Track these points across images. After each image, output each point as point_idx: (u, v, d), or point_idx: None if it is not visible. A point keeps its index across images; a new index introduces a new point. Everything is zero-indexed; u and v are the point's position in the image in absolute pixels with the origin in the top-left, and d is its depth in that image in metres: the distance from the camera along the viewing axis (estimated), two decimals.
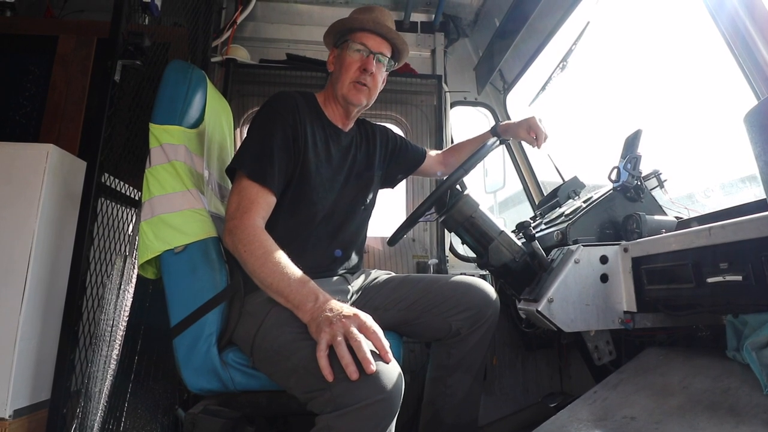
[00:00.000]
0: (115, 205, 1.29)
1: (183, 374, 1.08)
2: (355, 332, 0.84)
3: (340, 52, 1.32)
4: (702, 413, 0.78)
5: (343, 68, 1.28)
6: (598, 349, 1.15)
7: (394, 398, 0.85)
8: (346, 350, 0.83)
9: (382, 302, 1.28)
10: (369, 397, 0.82)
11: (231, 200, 1.12)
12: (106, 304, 1.21)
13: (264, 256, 1.02)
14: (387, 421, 0.85)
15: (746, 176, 1.25)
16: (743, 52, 1.01)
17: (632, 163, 1.28)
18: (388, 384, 0.84)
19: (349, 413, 0.82)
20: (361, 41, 1.28)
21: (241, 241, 1.05)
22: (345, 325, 0.86)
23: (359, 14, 1.33)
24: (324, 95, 1.35)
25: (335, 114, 1.34)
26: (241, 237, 1.05)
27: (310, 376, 0.90)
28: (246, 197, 1.10)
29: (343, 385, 0.84)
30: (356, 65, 1.28)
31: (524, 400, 1.89)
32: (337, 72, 1.31)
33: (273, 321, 1.02)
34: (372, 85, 1.30)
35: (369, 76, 1.28)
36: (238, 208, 1.09)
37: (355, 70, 1.28)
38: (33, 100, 1.68)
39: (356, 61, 1.28)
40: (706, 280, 0.83)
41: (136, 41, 1.23)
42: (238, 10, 2.19)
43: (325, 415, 0.85)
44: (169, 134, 1.21)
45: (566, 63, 1.95)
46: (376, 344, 0.86)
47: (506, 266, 1.24)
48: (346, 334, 0.84)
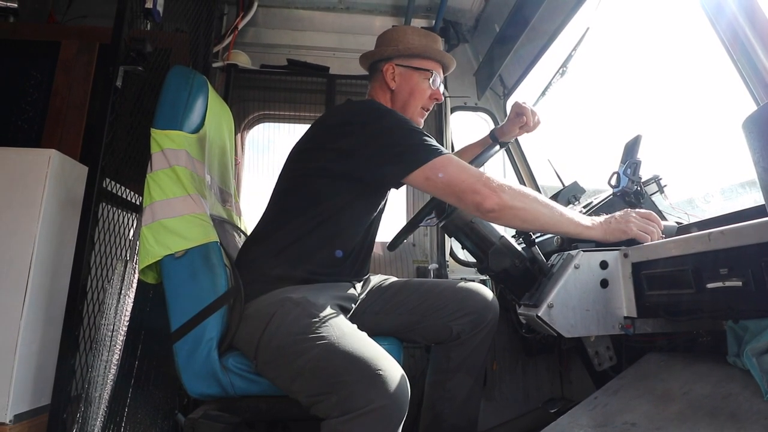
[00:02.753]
0: (116, 210, 1.29)
1: (183, 379, 1.08)
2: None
3: (408, 74, 1.34)
4: (702, 419, 0.78)
5: (417, 93, 1.33)
6: (599, 354, 1.15)
7: (402, 402, 0.85)
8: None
9: (382, 307, 1.28)
10: (376, 401, 0.82)
11: (457, 178, 1.06)
12: (107, 309, 1.21)
13: (542, 200, 1.08)
14: (395, 426, 0.85)
15: (746, 181, 1.26)
16: (742, 58, 1.02)
17: (632, 168, 1.28)
18: (396, 388, 0.85)
19: (356, 417, 0.82)
20: (436, 70, 1.35)
21: (511, 191, 1.05)
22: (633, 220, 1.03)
23: (428, 41, 1.36)
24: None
25: None
26: (506, 189, 1.05)
27: (316, 378, 0.90)
28: (463, 166, 1.08)
29: (350, 389, 0.84)
30: (429, 93, 1.34)
31: (525, 405, 1.88)
32: (406, 94, 1.34)
33: (278, 323, 1.02)
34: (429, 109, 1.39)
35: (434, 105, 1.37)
36: (471, 175, 1.06)
37: (427, 98, 1.35)
38: (35, 105, 1.69)
39: (428, 89, 1.34)
40: (706, 286, 0.83)
41: (138, 47, 1.24)
42: (239, 16, 2.20)
43: (331, 419, 0.85)
44: (170, 139, 1.22)
45: (566, 68, 1.96)
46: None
47: (506, 271, 1.24)
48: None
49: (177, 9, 1.67)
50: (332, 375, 0.88)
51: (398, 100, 1.34)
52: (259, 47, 2.32)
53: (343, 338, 0.94)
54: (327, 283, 1.19)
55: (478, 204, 1.03)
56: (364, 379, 0.85)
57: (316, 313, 1.02)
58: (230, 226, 1.47)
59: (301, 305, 1.04)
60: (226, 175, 1.54)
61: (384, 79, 1.34)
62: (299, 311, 1.02)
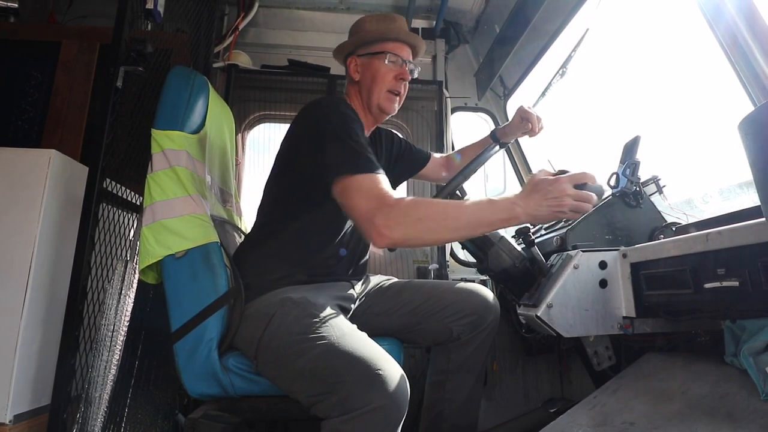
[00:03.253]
0: (116, 210, 1.29)
1: (183, 379, 1.08)
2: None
3: (368, 62, 1.32)
4: (700, 418, 0.78)
5: (378, 78, 1.30)
6: (598, 354, 1.16)
7: (401, 402, 0.86)
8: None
9: (383, 308, 1.29)
10: (376, 401, 0.83)
11: (355, 204, 1.01)
12: (107, 309, 1.21)
13: (443, 213, 0.97)
14: (394, 426, 0.85)
15: (744, 182, 1.26)
16: (740, 60, 1.02)
17: (631, 168, 1.29)
18: (395, 388, 0.85)
19: (356, 417, 0.83)
20: (396, 52, 1.31)
21: (412, 217, 0.96)
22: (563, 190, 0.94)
23: (385, 23, 1.34)
24: (351, 102, 1.36)
25: (364, 121, 1.35)
26: (411, 214, 0.96)
27: (316, 379, 0.90)
28: (378, 188, 1.01)
29: (350, 389, 0.85)
30: (392, 74, 1.30)
31: (525, 405, 1.89)
32: (369, 82, 1.31)
33: (278, 323, 1.02)
34: (403, 92, 1.35)
35: (403, 85, 1.32)
36: (380, 199, 1.00)
37: (391, 80, 1.30)
38: (35, 105, 1.69)
39: (391, 70, 1.31)
40: (704, 286, 0.83)
41: (139, 47, 1.24)
42: (240, 16, 2.20)
43: (331, 419, 0.86)
44: (170, 140, 1.22)
45: (566, 69, 1.96)
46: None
47: (506, 271, 1.24)
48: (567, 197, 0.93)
49: (178, 9, 1.67)
50: (332, 375, 0.89)
51: (364, 90, 1.33)
52: (259, 47, 2.33)
53: (343, 338, 0.94)
54: (326, 283, 1.20)
55: (371, 239, 0.98)
56: (363, 379, 0.86)
57: (316, 313, 1.02)
58: (231, 226, 1.47)
59: (301, 305, 1.04)
60: (226, 175, 1.54)
61: (350, 74, 1.36)
62: (299, 311, 1.03)
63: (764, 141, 0.53)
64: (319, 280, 1.19)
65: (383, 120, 1.39)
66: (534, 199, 0.95)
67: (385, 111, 1.33)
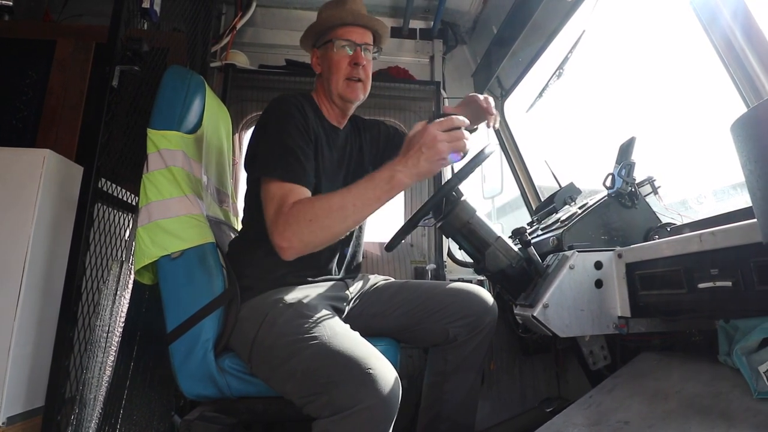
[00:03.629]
0: (111, 210, 1.29)
1: (179, 380, 1.08)
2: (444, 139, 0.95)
3: (324, 52, 1.31)
4: (694, 417, 0.79)
5: (333, 67, 1.27)
6: (593, 354, 1.16)
7: (392, 402, 0.85)
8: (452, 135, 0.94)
9: (380, 308, 1.29)
10: (366, 401, 0.83)
11: (267, 209, 1.05)
12: (102, 310, 1.20)
13: (328, 207, 0.99)
14: (384, 426, 0.85)
15: (737, 183, 1.27)
16: (734, 62, 1.03)
17: (626, 169, 1.30)
18: (386, 388, 0.85)
19: (346, 417, 0.83)
20: (346, 37, 1.27)
21: (302, 221, 0.98)
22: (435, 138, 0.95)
23: (334, 10, 1.30)
24: (317, 96, 1.35)
25: (331, 113, 1.34)
26: (300, 219, 0.98)
27: (308, 379, 0.90)
28: (282, 197, 1.04)
29: (340, 389, 0.85)
30: (346, 61, 1.26)
31: (521, 404, 1.89)
32: (327, 72, 1.29)
33: (271, 324, 1.02)
34: (365, 77, 1.29)
35: (361, 70, 1.27)
36: (278, 209, 1.03)
37: (346, 67, 1.26)
38: (30, 104, 1.68)
39: (345, 57, 1.26)
40: (698, 286, 0.84)
41: (135, 47, 1.24)
42: (238, 16, 2.20)
43: (321, 419, 0.86)
44: (167, 140, 1.21)
45: (563, 70, 1.97)
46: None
47: (503, 272, 1.24)
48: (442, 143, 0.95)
49: (174, 8, 1.67)
50: (323, 375, 0.89)
51: (325, 81, 1.30)
52: (257, 47, 2.32)
53: (335, 338, 0.94)
54: (320, 284, 1.20)
55: (278, 250, 1.01)
56: (353, 379, 0.85)
57: (308, 313, 1.02)
58: (227, 227, 1.47)
59: (293, 306, 1.04)
60: (223, 175, 1.54)
61: (313, 67, 1.35)
62: (291, 312, 1.02)
63: (756, 142, 0.54)
64: (312, 280, 1.19)
65: (351, 109, 1.34)
66: (411, 157, 0.96)
67: (349, 100, 1.28)
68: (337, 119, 1.35)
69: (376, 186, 0.99)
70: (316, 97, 1.35)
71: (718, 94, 1.29)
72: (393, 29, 2.43)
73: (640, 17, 1.77)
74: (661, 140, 1.76)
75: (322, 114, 1.32)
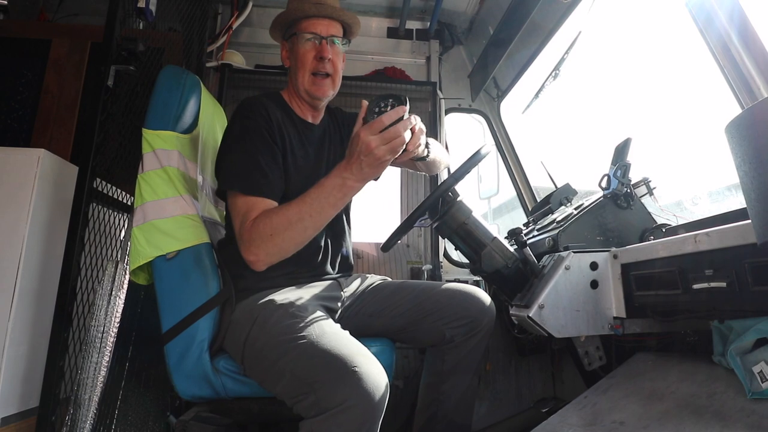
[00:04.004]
0: (107, 210, 1.28)
1: (174, 381, 1.07)
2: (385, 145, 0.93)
3: (291, 45, 1.26)
4: (688, 417, 0.79)
5: (299, 61, 1.22)
6: (589, 354, 1.17)
7: (378, 400, 0.84)
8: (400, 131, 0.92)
9: (376, 309, 1.28)
10: (351, 399, 0.82)
11: (234, 223, 1.08)
12: (97, 311, 1.20)
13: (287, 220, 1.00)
14: (370, 425, 0.84)
15: (732, 184, 1.28)
16: (729, 64, 1.04)
17: (622, 170, 1.30)
18: (371, 386, 0.84)
19: (331, 416, 0.82)
20: (310, 29, 1.21)
21: (264, 237, 1.00)
22: (369, 145, 0.92)
23: (298, 1, 1.24)
24: (287, 92, 1.31)
25: (302, 109, 1.30)
26: (262, 235, 1.00)
27: (296, 379, 0.90)
28: (246, 212, 1.06)
29: (326, 388, 0.84)
30: (311, 55, 1.21)
31: (517, 405, 1.90)
32: (294, 66, 1.24)
33: (261, 325, 1.02)
34: (333, 70, 1.24)
35: (327, 63, 1.21)
36: (242, 224, 1.05)
37: (311, 61, 1.21)
38: (25, 104, 1.67)
39: (310, 50, 1.21)
40: (693, 287, 0.84)
41: (130, 46, 1.23)
42: (234, 16, 2.19)
43: (308, 419, 0.85)
44: (162, 140, 1.21)
45: (559, 71, 1.98)
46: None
47: (498, 272, 1.25)
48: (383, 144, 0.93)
49: (170, 8, 1.66)
50: (310, 375, 0.88)
51: (292, 76, 1.26)
52: (253, 47, 2.32)
53: (323, 338, 0.93)
54: (311, 284, 1.19)
55: (248, 263, 1.05)
56: (339, 378, 0.85)
57: (298, 314, 1.01)
58: (222, 227, 1.46)
59: (283, 307, 1.04)
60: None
61: (283, 60, 1.30)
62: (281, 313, 1.02)
63: (750, 143, 0.54)
64: (302, 280, 1.18)
65: (320, 105, 1.29)
66: (353, 164, 0.96)
67: (316, 96, 1.23)
68: (311, 114, 1.31)
69: (329, 194, 0.99)
70: (286, 94, 1.31)
71: (713, 96, 1.30)
72: (389, 30, 2.43)
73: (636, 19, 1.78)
74: (656, 141, 1.77)
75: (293, 111, 1.29)
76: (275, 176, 1.13)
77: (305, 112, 1.30)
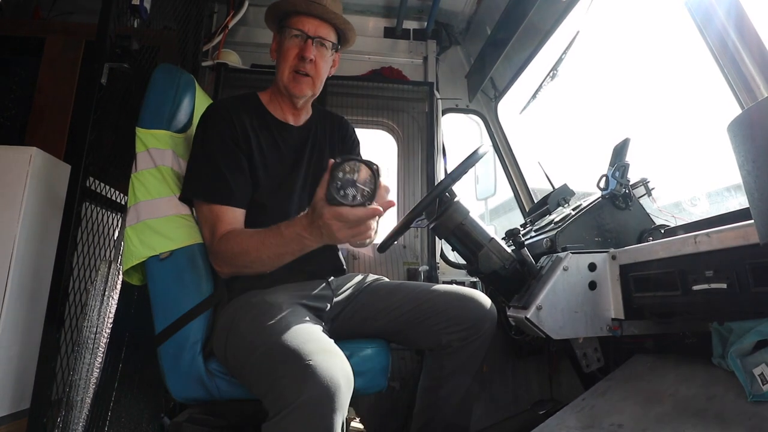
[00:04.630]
0: (100, 209, 1.26)
1: (168, 382, 1.06)
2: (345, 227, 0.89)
3: (279, 39, 1.23)
4: (688, 420, 0.79)
5: (282, 56, 1.20)
6: (587, 356, 1.16)
7: (336, 395, 0.80)
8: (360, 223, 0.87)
9: (373, 310, 1.26)
10: (304, 393, 0.78)
11: (202, 233, 1.14)
12: (90, 311, 1.18)
13: (246, 250, 1.04)
14: (329, 420, 0.80)
15: (731, 185, 1.27)
16: (729, 64, 1.03)
17: (620, 171, 1.29)
18: (328, 381, 0.80)
19: (288, 414, 0.78)
20: (298, 26, 1.18)
21: (227, 258, 1.07)
22: (331, 227, 0.89)
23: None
24: (270, 90, 1.30)
25: (283, 109, 1.27)
26: (225, 256, 1.07)
27: (261, 377, 0.88)
28: (213, 222, 1.10)
29: (282, 385, 0.81)
30: (294, 52, 1.18)
31: (514, 407, 1.89)
32: (278, 60, 1.22)
33: (237, 326, 1.01)
34: (315, 73, 1.20)
35: (309, 64, 1.18)
36: (210, 235, 1.10)
37: (293, 58, 1.18)
38: (19, 102, 1.66)
39: (294, 47, 1.18)
40: (692, 288, 0.84)
41: (124, 44, 1.21)
42: (230, 15, 2.18)
43: (269, 420, 0.82)
44: (156, 139, 1.20)
45: (556, 72, 1.98)
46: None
47: (496, 273, 1.24)
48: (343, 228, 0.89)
49: (165, 6, 1.65)
50: (270, 372, 0.85)
51: (277, 69, 1.23)
52: (249, 46, 2.30)
53: (287, 335, 0.90)
54: (298, 284, 1.17)
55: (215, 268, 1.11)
56: (294, 373, 0.81)
57: (271, 313, 0.99)
58: None
59: (257, 306, 1.03)
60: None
61: (271, 53, 1.28)
62: (255, 312, 1.01)
63: (754, 142, 0.53)
64: (285, 280, 1.14)
65: (300, 104, 1.26)
66: (315, 228, 0.92)
67: (293, 94, 1.21)
68: (291, 115, 1.29)
69: (287, 244, 1.00)
70: (267, 93, 1.29)
71: (712, 96, 1.30)
72: (386, 29, 2.42)
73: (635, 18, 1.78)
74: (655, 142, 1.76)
75: (268, 112, 1.26)
76: (239, 182, 1.13)
77: (285, 112, 1.28)
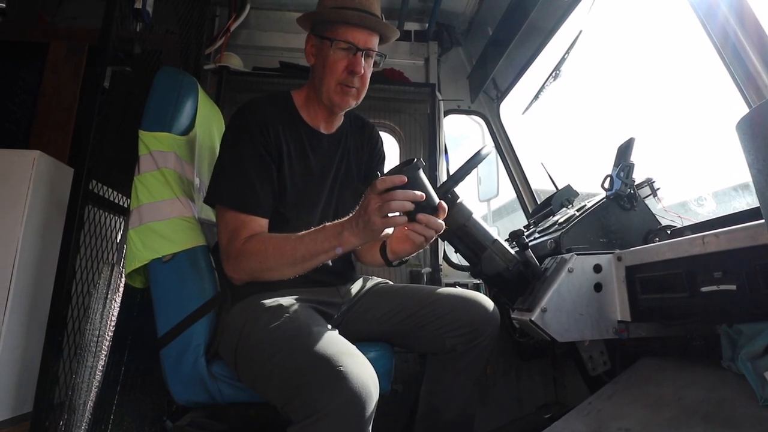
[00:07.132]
0: (103, 212, 1.27)
1: (170, 386, 1.06)
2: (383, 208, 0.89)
3: (320, 45, 1.17)
4: (697, 425, 0.77)
5: (328, 68, 1.14)
6: (593, 359, 1.14)
7: (367, 401, 0.81)
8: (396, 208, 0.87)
9: (376, 313, 1.25)
10: (336, 400, 0.79)
11: (220, 236, 1.08)
12: (92, 314, 1.18)
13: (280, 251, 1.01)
14: (361, 425, 0.80)
15: (738, 185, 1.26)
16: (734, 61, 1.02)
17: (625, 171, 1.28)
18: (360, 386, 0.80)
19: (319, 419, 0.78)
20: (348, 38, 1.12)
21: (249, 262, 1.03)
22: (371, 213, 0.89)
23: (341, 1, 1.14)
24: (306, 93, 1.24)
25: (317, 115, 1.23)
26: (248, 259, 1.03)
27: (284, 382, 0.88)
28: (235, 228, 1.06)
29: (312, 389, 0.81)
30: (343, 65, 1.13)
31: (518, 410, 1.87)
32: (320, 70, 1.16)
33: (250, 329, 1.00)
34: (361, 85, 1.18)
35: (357, 78, 1.15)
36: (230, 240, 1.06)
37: (341, 71, 1.14)
38: (23, 106, 1.67)
39: (342, 59, 1.13)
40: (700, 289, 0.82)
41: (126, 48, 1.22)
42: (232, 18, 2.19)
43: (296, 424, 0.82)
44: (158, 141, 1.20)
45: (559, 71, 1.97)
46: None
47: (499, 275, 1.23)
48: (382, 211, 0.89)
49: (168, 10, 1.65)
50: (296, 376, 0.85)
51: (316, 77, 1.18)
52: (251, 49, 2.31)
53: (309, 339, 0.90)
54: (307, 288, 1.16)
55: (228, 276, 1.08)
56: (324, 379, 0.81)
57: (288, 316, 0.99)
58: None
59: (271, 310, 1.01)
60: None
61: (306, 54, 1.22)
62: (269, 316, 1.00)
63: (763, 140, 0.52)
64: (300, 285, 1.14)
65: (339, 113, 1.24)
66: (354, 218, 0.94)
67: (339, 105, 1.17)
68: (324, 122, 1.25)
69: (326, 239, 0.98)
70: (303, 94, 1.24)
71: (719, 94, 1.28)
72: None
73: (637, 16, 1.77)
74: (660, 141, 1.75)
75: (302, 118, 1.23)
76: (266, 193, 1.10)
77: (318, 119, 1.24)
